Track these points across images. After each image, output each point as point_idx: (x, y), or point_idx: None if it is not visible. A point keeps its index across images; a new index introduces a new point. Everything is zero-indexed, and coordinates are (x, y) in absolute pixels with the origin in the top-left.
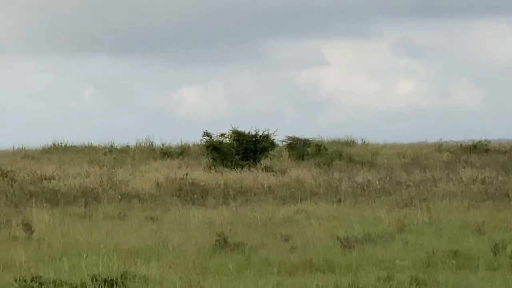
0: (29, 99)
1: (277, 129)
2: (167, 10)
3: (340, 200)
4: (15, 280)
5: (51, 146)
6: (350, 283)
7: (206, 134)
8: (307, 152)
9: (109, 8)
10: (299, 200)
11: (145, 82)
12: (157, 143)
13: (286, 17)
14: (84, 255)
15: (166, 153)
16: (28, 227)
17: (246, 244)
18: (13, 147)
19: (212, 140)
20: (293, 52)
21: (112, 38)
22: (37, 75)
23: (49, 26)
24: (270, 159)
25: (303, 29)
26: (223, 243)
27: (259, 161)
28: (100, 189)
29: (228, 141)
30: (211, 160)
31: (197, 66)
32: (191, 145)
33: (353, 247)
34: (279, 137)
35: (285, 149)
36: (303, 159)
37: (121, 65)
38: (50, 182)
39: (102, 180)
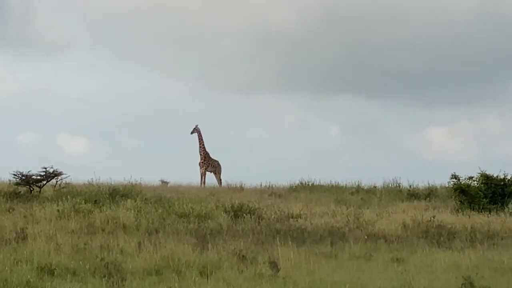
0: (277, 137)
1: None
2: (416, 51)
3: None
4: None
5: (298, 184)
6: None
7: (454, 176)
8: None
9: (356, 49)
10: None
11: (392, 122)
12: (404, 184)
13: None
14: None
15: (413, 194)
16: (274, 265)
17: None
18: (261, 184)
19: (460, 182)
20: None
21: (358, 79)
22: (285, 113)
23: (301, 65)
24: None
25: None
26: (469, 286)
27: (507, 205)
28: (347, 228)
29: (476, 184)
30: (459, 203)
31: (445, 106)
32: (438, 187)
33: None
34: None
35: None
36: None
37: (367, 104)
38: (296, 220)
39: (349, 220)
